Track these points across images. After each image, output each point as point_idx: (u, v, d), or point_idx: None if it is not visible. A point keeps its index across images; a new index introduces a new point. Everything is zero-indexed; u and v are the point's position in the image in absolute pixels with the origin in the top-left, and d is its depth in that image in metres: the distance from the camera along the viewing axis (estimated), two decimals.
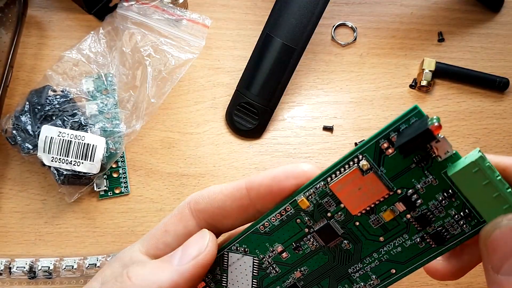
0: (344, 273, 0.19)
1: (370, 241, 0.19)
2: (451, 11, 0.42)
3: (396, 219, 0.19)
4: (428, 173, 0.18)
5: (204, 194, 0.19)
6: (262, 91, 0.37)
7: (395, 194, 0.18)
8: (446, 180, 0.18)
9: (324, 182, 0.19)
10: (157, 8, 0.38)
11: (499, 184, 0.17)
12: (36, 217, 0.35)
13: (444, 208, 0.18)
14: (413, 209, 0.18)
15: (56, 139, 0.34)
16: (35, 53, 0.39)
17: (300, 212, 0.19)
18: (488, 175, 0.17)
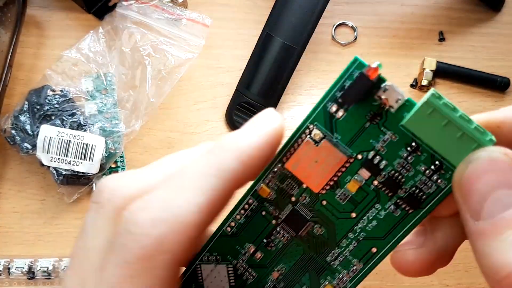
0: (323, 263, 0.18)
1: (342, 220, 0.17)
2: (452, 11, 0.42)
3: (363, 188, 0.16)
4: (385, 129, 0.16)
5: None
6: (262, 91, 0.37)
7: (356, 160, 0.16)
8: (406, 132, 0.15)
9: (280, 163, 0.17)
10: (156, 7, 0.38)
11: (461, 122, 0.14)
12: (35, 217, 0.35)
13: (412, 164, 0.16)
14: (378, 173, 0.16)
15: (55, 139, 0.34)
16: (34, 53, 0.39)
17: (264, 203, 0.17)
18: (446, 114, 0.14)
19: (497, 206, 0.13)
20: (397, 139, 0.16)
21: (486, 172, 0.13)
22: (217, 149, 0.15)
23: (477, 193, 0.13)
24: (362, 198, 0.17)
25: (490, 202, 0.13)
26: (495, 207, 0.13)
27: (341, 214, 0.17)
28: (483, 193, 0.13)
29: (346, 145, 0.16)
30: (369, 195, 0.17)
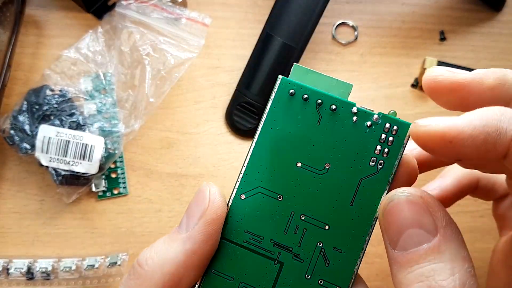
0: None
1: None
2: (453, 10, 0.42)
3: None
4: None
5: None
6: (262, 90, 0.37)
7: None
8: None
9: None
10: (156, 7, 0.38)
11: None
12: (34, 217, 0.35)
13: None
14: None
15: (54, 139, 0.33)
16: (33, 52, 0.39)
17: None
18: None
19: (410, 241, 0.15)
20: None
21: (403, 211, 0.15)
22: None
23: (395, 227, 0.15)
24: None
25: (405, 236, 0.15)
26: (408, 242, 0.15)
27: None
28: (400, 227, 0.15)
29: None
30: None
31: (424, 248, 0.15)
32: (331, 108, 0.18)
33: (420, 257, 0.15)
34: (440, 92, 0.18)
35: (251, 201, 0.18)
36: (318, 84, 0.18)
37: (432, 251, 0.15)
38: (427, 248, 0.15)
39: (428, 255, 0.15)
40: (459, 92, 0.17)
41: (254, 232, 0.17)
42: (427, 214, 0.15)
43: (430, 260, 0.15)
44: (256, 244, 0.17)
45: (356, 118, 0.18)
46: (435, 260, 0.15)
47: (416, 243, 0.15)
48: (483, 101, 0.17)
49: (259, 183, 0.18)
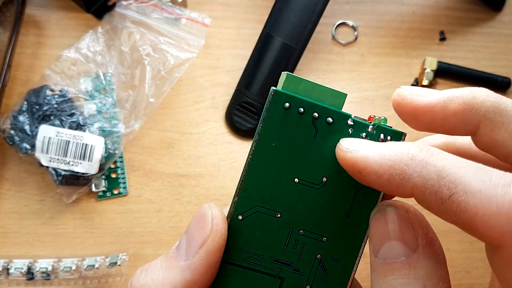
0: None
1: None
2: (452, 10, 0.42)
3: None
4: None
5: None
6: (262, 90, 0.37)
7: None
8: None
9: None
10: (156, 7, 0.38)
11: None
12: (34, 217, 0.35)
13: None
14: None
15: (54, 139, 0.33)
16: (33, 53, 0.39)
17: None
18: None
19: (390, 252, 0.15)
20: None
21: (388, 222, 0.16)
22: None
23: (378, 236, 0.16)
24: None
25: (385, 247, 0.15)
26: (388, 253, 0.15)
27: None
28: (382, 238, 0.16)
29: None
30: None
31: (401, 261, 0.15)
32: (328, 121, 0.17)
33: (396, 269, 0.15)
34: (405, 116, 0.17)
35: (249, 221, 0.17)
36: (311, 95, 0.17)
37: (408, 266, 0.15)
38: (404, 262, 0.15)
39: (404, 268, 0.15)
40: (422, 117, 0.17)
41: (253, 251, 0.17)
42: (409, 229, 0.15)
43: (404, 274, 0.15)
44: (256, 263, 0.17)
45: (352, 130, 0.17)
46: (410, 275, 0.15)
47: (396, 255, 0.15)
48: (449, 125, 0.16)
49: (257, 202, 0.17)
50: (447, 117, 0.16)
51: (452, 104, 0.16)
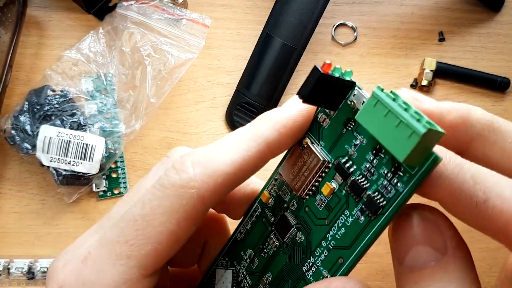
0: (300, 273, 0.17)
1: (318, 227, 0.17)
2: (451, 11, 0.42)
3: (336, 194, 0.16)
4: (356, 134, 0.16)
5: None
6: (262, 91, 0.37)
7: (333, 166, 0.16)
8: (372, 136, 0.15)
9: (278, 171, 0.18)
10: (156, 8, 0.38)
11: (398, 110, 0.14)
12: (35, 217, 0.35)
13: (376, 168, 0.15)
14: (348, 177, 0.16)
15: (55, 139, 0.34)
16: (35, 53, 0.39)
17: (265, 209, 0.18)
18: (387, 104, 0.14)
19: (417, 258, 0.15)
20: (365, 143, 0.16)
21: (413, 227, 0.15)
22: (257, 120, 0.18)
23: (404, 242, 0.15)
24: (335, 204, 0.16)
25: (412, 253, 0.15)
26: (415, 259, 0.15)
27: (318, 220, 0.17)
28: (408, 244, 0.15)
29: (327, 151, 0.17)
30: (340, 201, 0.16)
31: (432, 266, 0.14)
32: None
33: (427, 275, 0.14)
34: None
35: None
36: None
37: (439, 270, 0.14)
38: (434, 267, 0.14)
39: (435, 273, 0.14)
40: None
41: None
42: (437, 232, 0.15)
43: (436, 279, 0.14)
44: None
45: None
46: (443, 279, 0.14)
47: (424, 260, 0.15)
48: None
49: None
50: (443, 128, 0.16)
51: (449, 116, 0.16)
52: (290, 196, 0.18)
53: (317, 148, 0.17)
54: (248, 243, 0.18)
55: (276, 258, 0.18)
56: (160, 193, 0.16)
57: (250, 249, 0.18)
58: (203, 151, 0.17)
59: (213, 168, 0.16)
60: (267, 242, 0.18)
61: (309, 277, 0.17)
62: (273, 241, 0.18)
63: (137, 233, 0.16)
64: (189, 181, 0.16)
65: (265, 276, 0.18)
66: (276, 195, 0.18)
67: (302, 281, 0.17)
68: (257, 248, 0.18)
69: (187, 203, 0.16)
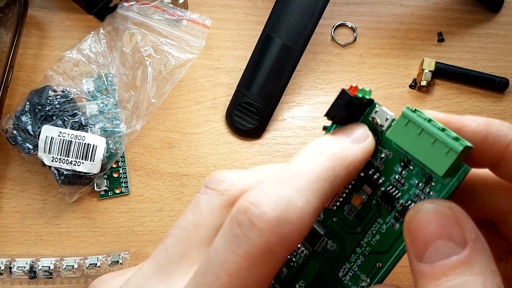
0: (336, 279, 0.18)
1: (351, 235, 0.18)
2: (450, 12, 0.43)
3: (367, 204, 0.17)
4: (381, 147, 0.17)
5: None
6: (262, 91, 0.38)
7: (359, 177, 0.18)
8: (399, 149, 0.17)
9: None
10: (157, 9, 0.38)
11: (432, 129, 0.15)
12: (36, 217, 0.35)
13: (406, 179, 0.17)
14: (378, 188, 0.17)
15: (56, 139, 0.34)
16: (36, 53, 0.39)
17: None
18: (420, 123, 0.16)
19: (437, 254, 0.15)
20: (391, 156, 0.17)
21: (431, 222, 0.15)
22: (327, 155, 0.16)
23: (422, 239, 0.15)
24: (366, 213, 0.18)
25: (432, 249, 0.15)
26: (436, 255, 0.15)
27: (349, 229, 0.18)
28: (427, 239, 0.15)
29: None
30: (371, 210, 0.17)
31: (453, 261, 0.14)
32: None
33: (449, 269, 0.14)
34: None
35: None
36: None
37: (462, 264, 0.14)
38: (456, 261, 0.14)
39: (457, 267, 0.14)
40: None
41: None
42: (456, 226, 0.15)
43: (459, 273, 0.14)
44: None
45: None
46: (465, 272, 0.14)
47: (444, 255, 0.14)
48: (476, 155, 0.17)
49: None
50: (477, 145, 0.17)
51: (473, 127, 0.17)
52: None
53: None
54: None
55: (307, 266, 0.19)
56: (246, 262, 0.14)
57: None
58: (280, 198, 0.14)
59: (301, 224, 0.14)
60: (295, 252, 0.19)
61: (346, 282, 0.18)
62: (302, 250, 0.19)
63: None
64: (279, 243, 0.14)
65: (297, 284, 0.19)
66: None
67: (340, 286, 0.18)
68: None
69: (277, 266, 0.15)
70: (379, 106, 0.17)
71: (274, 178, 0.15)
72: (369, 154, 0.17)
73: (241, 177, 0.17)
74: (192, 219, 0.17)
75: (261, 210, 0.14)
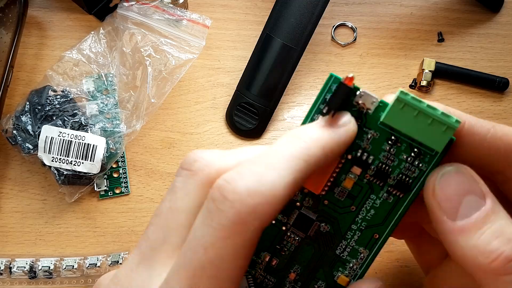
0: (334, 257, 0.19)
1: (344, 214, 0.19)
2: (451, 11, 0.43)
3: (358, 183, 0.19)
4: (366, 129, 0.18)
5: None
6: (262, 91, 0.38)
7: (347, 160, 0.19)
8: (384, 129, 0.18)
9: None
10: (157, 8, 0.38)
11: (429, 110, 0.17)
12: (36, 217, 0.35)
13: (395, 155, 0.18)
14: (368, 167, 0.18)
15: (56, 139, 0.34)
16: (36, 53, 0.39)
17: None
18: (416, 106, 0.17)
19: (470, 208, 0.16)
20: (378, 136, 0.18)
21: (457, 182, 0.17)
22: (304, 137, 0.17)
23: (452, 198, 0.16)
24: (358, 192, 0.19)
25: (464, 205, 0.16)
26: (469, 209, 0.16)
27: (342, 209, 0.19)
28: (457, 197, 0.16)
29: None
30: (363, 188, 0.19)
31: (485, 210, 0.16)
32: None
33: (484, 219, 0.16)
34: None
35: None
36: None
37: (492, 212, 0.16)
38: (487, 210, 0.16)
39: (489, 216, 0.16)
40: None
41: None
42: (474, 182, 0.17)
43: (492, 220, 0.16)
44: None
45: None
46: (497, 218, 0.16)
47: (475, 208, 0.16)
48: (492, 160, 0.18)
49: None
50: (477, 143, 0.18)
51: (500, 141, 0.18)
52: (302, 195, 0.19)
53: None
54: (259, 247, 0.19)
55: (300, 252, 0.19)
56: (220, 233, 0.15)
57: (263, 251, 0.19)
58: (253, 173, 0.15)
59: (272, 194, 0.15)
60: (285, 241, 0.19)
61: (345, 257, 0.19)
62: (293, 238, 0.19)
63: (209, 281, 0.15)
64: (250, 214, 0.15)
65: (292, 270, 0.19)
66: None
67: (339, 262, 0.19)
68: (273, 249, 0.19)
69: (251, 237, 0.15)
70: (363, 90, 0.18)
71: (251, 159, 0.16)
72: (348, 137, 0.18)
73: (217, 156, 0.17)
74: (169, 204, 0.17)
75: (233, 185, 0.15)
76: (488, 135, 0.18)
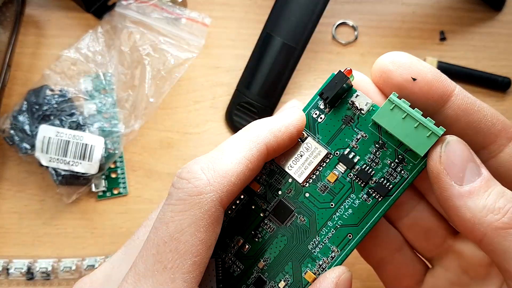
0: (305, 251, 0.19)
1: (322, 210, 0.19)
2: (453, 10, 0.42)
3: (340, 180, 0.19)
4: (357, 130, 0.19)
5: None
6: (262, 90, 0.37)
7: (334, 156, 0.19)
8: (374, 132, 0.19)
9: (271, 160, 0.20)
10: (156, 7, 0.38)
11: (416, 115, 0.18)
12: (34, 217, 0.35)
13: (380, 158, 0.19)
14: (353, 166, 0.19)
15: (54, 139, 0.33)
16: (33, 52, 0.39)
17: (254, 197, 0.20)
18: (405, 108, 0.18)
19: (473, 173, 0.17)
20: (367, 138, 0.19)
21: (461, 149, 0.18)
22: (254, 124, 0.19)
23: (459, 163, 0.18)
24: (340, 189, 0.19)
25: (468, 170, 0.17)
26: (472, 174, 0.17)
27: (321, 204, 0.19)
28: (462, 163, 0.18)
29: (326, 144, 0.19)
30: (345, 186, 0.19)
31: (486, 175, 0.17)
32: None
33: (487, 183, 0.17)
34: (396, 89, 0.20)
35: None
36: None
37: (490, 178, 0.18)
38: (488, 176, 0.17)
39: (490, 180, 0.17)
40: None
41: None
42: (471, 151, 0.18)
43: (493, 184, 0.17)
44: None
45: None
46: (495, 183, 0.17)
47: (478, 174, 0.17)
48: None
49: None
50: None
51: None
52: (286, 184, 0.20)
53: (318, 142, 0.19)
54: (234, 230, 0.20)
55: (274, 241, 0.20)
56: (179, 207, 0.16)
57: (237, 235, 0.20)
58: (207, 158, 0.18)
59: (224, 169, 0.17)
60: (261, 228, 0.20)
61: (316, 253, 0.19)
62: (269, 226, 0.20)
63: (171, 255, 0.16)
64: (205, 186, 0.16)
65: (262, 259, 0.20)
66: (267, 184, 0.20)
67: (309, 258, 0.19)
68: (247, 234, 0.20)
69: (209, 208, 0.16)
70: (359, 92, 0.19)
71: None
72: (297, 126, 0.19)
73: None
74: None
75: (188, 168, 0.17)
76: (477, 101, 0.19)
